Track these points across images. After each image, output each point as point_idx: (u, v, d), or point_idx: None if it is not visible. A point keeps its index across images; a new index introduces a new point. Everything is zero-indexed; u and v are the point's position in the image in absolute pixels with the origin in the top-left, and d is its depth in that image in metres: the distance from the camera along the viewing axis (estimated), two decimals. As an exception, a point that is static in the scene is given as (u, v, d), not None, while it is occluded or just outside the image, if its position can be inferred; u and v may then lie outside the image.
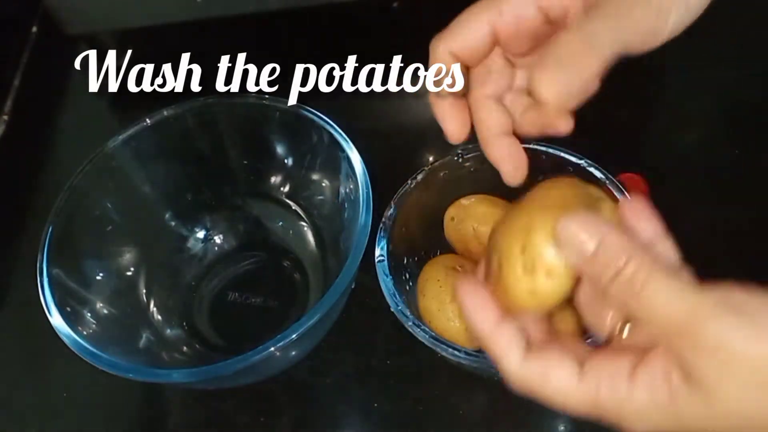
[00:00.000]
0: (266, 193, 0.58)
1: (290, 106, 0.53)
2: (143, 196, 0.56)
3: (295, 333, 0.43)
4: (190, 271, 0.57)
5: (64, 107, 0.72)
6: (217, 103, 0.55)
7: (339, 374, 0.53)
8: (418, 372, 0.52)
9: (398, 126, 0.67)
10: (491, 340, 0.33)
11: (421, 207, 0.51)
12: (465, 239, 0.50)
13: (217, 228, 0.59)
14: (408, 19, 0.73)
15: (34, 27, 0.78)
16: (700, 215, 0.54)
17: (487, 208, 0.50)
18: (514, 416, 0.50)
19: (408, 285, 0.50)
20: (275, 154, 0.56)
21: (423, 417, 0.50)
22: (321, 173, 0.55)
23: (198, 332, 0.55)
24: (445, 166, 0.51)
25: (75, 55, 0.75)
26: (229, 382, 0.49)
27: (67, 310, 0.47)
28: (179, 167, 0.57)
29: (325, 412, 0.51)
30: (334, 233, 0.54)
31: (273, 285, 0.57)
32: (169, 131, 0.55)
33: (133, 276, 0.54)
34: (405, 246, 0.50)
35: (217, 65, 0.70)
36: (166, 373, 0.45)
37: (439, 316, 0.47)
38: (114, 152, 0.53)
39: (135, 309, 0.53)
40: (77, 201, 0.51)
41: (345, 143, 0.51)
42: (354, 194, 0.49)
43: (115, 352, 0.45)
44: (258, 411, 0.52)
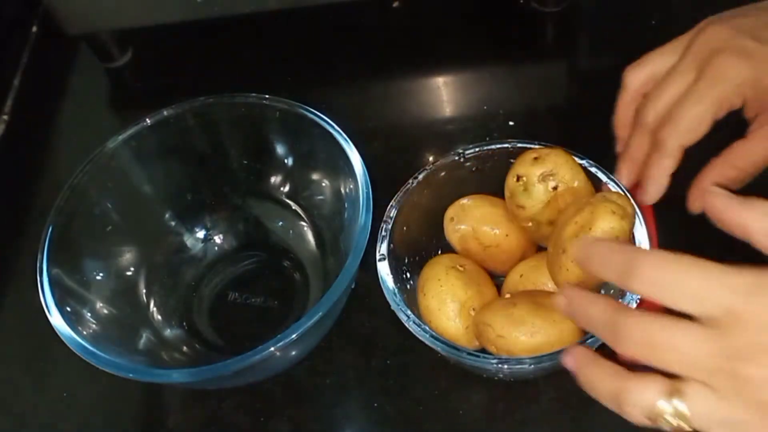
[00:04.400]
0: (266, 193, 0.58)
1: (290, 106, 0.53)
2: (143, 196, 0.56)
3: (295, 333, 0.43)
4: (190, 271, 0.57)
5: (64, 107, 0.72)
6: (217, 103, 0.55)
7: (339, 374, 0.53)
8: (418, 372, 0.52)
9: (398, 126, 0.67)
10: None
11: (422, 207, 0.51)
12: (465, 239, 0.50)
13: (217, 228, 0.59)
14: (408, 19, 0.73)
15: (34, 27, 0.78)
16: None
17: (487, 208, 0.50)
18: (514, 416, 0.50)
19: (408, 284, 0.50)
20: (275, 154, 0.56)
21: (423, 417, 0.50)
22: (321, 173, 0.55)
23: (198, 332, 0.55)
24: (445, 166, 0.51)
25: (75, 55, 0.76)
26: (229, 382, 0.49)
27: (67, 310, 0.47)
28: (179, 167, 0.57)
29: (325, 412, 0.51)
30: (334, 233, 0.54)
31: (273, 285, 0.57)
32: (169, 131, 0.55)
33: (133, 276, 0.54)
34: (405, 245, 0.50)
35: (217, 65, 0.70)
36: (166, 373, 0.45)
37: (439, 316, 0.47)
38: (114, 152, 0.53)
39: (135, 309, 0.53)
40: (77, 201, 0.51)
41: (345, 143, 0.51)
42: (354, 194, 0.49)
43: (115, 352, 0.45)
44: (258, 411, 0.52)
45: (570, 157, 0.47)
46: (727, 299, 0.31)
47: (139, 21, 0.68)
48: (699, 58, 0.43)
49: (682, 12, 0.69)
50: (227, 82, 0.67)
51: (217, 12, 0.66)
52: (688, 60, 0.44)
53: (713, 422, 0.31)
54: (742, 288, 0.31)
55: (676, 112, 0.43)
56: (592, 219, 0.42)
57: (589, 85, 0.67)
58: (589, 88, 0.66)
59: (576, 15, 0.71)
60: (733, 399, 0.31)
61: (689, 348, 0.31)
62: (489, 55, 0.70)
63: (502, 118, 0.64)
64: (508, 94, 0.67)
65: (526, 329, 0.43)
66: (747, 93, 0.42)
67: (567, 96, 0.68)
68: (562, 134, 0.63)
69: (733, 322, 0.31)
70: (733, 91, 0.42)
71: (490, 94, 0.67)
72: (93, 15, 0.67)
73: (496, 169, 0.50)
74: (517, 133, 0.63)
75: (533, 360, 0.43)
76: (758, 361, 0.30)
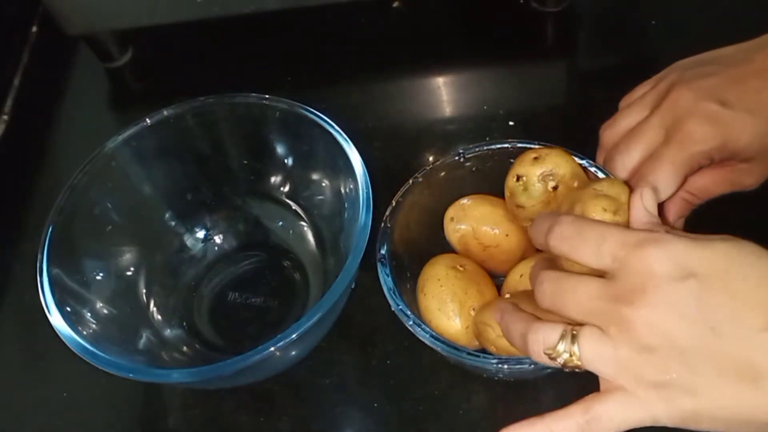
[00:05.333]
0: (266, 193, 0.58)
1: (290, 106, 0.53)
2: (143, 196, 0.56)
3: (295, 333, 0.43)
4: (190, 271, 0.57)
5: (64, 107, 0.72)
6: (217, 103, 0.55)
7: (339, 374, 0.53)
8: (418, 372, 0.52)
9: (398, 126, 0.67)
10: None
11: (422, 207, 0.51)
12: (465, 239, 0.50)
13: (217, 228, 0.59)
14: (408, 19, 0.73)
15: (34, 27, 0.78)
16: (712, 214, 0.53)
17: (487, 208, 0.50)
18: (514, 416, 0.50)
19: (408, 284, 0.50)
20: (275, 154, 0.56)
21: (423, 417, 0.50)
22: (321, 173, 0.55)
23: (198, 332, 0.55)
24: (445, 166, 0.51)
25: (75, 55, 0.76)
26: (229, 382, 0.49)
27: (67, 310, 0.47)
28: (179, 167, 0.57)
29: (325, 412, 0.51)
30: (334, 233, 0.54)
31: (273, 285, 0.57)
32: (169, 131, 0.54)
33: (133, 276, 0.54)
34: (405, 245, 0.50)
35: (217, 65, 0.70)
36: (166, 373, 0.45)
37: (439, 316, 0.47)
38: (114, 152, 0.53)
39: (135, 309, 0.53)
40: (77, 201, 0.51)
41: (345, 143, 0.51)
42: (354, 194, 0.49)
43: (115, 352, 0.45)
44: (258, 411, 0.52)
45: (570, 157, 0.47)
46: (617, 251, 0.35)
47: (139, 21, 0.68)
48: (667, 119, 0.45)
49: (681, 12, 0.69)
50: (227, 82, 0.67)
51: (217, 12, 0.66)
52: (656, 120, 0.46)
53: (602, 362, 0.35)
54: (632, 242, 0.35)
55: (648, 171, 0.45)
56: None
57: (589, 85, 0.67)
58: (589, 88, 0.66)
59: (576, 15, 0.71)
60: (619, 340, 0.34)
61: (585, 296, 0.35)
62: (489, 55, 0.70)
63: (502, 118, 0.64)
64: (508, 94, 0.67)
65: None
66: (714, 156, 0.44)
67: (567, 96, 0.68)
68: (562, 134, 0.63)
69: (619, 271, 0.35)
70: (702, 155, 0.44)
71: (490, 94, 0.67)
72: (93, 15, 0.67)
73: (496, 169, 0.50)
74: (517, 133, 0.63)
75: (533, 360, 0.42)
76: (638, 302, 0.33)
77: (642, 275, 0.34)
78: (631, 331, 0.34)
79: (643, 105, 0.48)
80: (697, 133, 0.44)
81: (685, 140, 0.44)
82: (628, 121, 0.48)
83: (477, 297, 0.47)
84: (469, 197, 0.51)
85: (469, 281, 0.48)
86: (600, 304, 0.35)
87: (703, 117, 0.44)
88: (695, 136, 0.44)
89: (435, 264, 0.49)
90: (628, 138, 0.47)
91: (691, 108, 0.44)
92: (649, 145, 0.45)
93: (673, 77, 0.47)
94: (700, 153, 0.44)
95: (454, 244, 0.51)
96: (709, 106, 0.44)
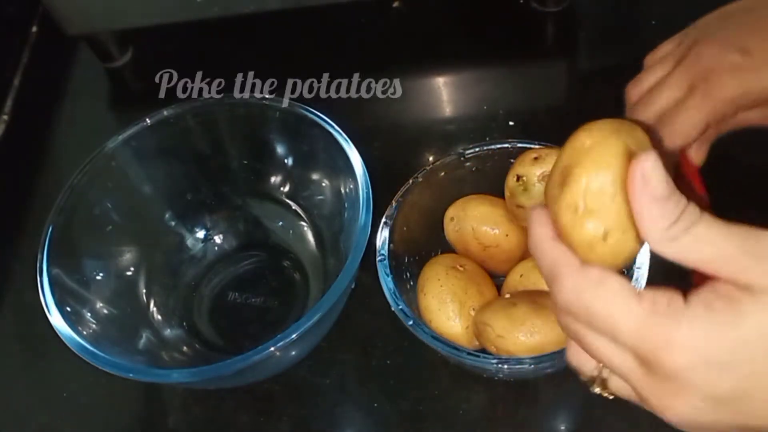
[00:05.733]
0: (266, 193, 0.58)
1: (290, 107, 0.53)
2: (143, 196, 0.56)
3: (295, 333, 0.43)
4: (190, 271, 0.57)
5: (64, 107, 0.72)
6: (217, 103, 0.55)
7: (339, 374, 0.53)
8: (418, 372, 0.52)
9: (398, 126, 0.67)
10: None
11: (422, 207, 0.51)
12: (465, 239, 0.50)
13: (217, 228, 0.59)
14: (408, 19, 0.73)
15: (34, 27, 0.78)
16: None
17: (487, 208, 0.50)
18: (514, 416, 0.50)
19: (408, 284, 0.50)
20: (275, 154, 0.56)
21: (423, 417, 0.50)
22: (321, 173, 0.55)
23: (198, 332, 0.55)
24: (446, 166, 0.51)
25: (75, 55, 0.76)
26: (229, 382, 0.49)
27: (67, 310, 0.47)
28: (179, 167, 0.57)
29: (325, 412, 0.51)
30: (334, 233, 0.54)
31: (273, 285, 0.57)
32: (169, 131, 0.55)
33: (133, 276, 0.54)
34: (405, 245, 0.50)
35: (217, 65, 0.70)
36: (166, 373, 0.45)
37: (439, 316, 0.47)
38: (114, 152, 0.53)
39: (135, 309, 0.53)
40: (77, 201, 0.51)
41: (345, 143, 0.51)
42: (354, 194, 0.49)
43: (115, 352, 0.45)
44: (258, 411, 0.52)
45: None
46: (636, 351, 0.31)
47: (139, 21, 0.68)
48: (691, 72, 0.46)
49: (682, 12, 0.69)
50: (227, 82, 0.67)
51: (217, 12, 0.66)
52: (680, 74, 0.47)
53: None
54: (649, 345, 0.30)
55: (671, 116, 0.46)
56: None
57: (589, 85, 0.67)
58: (589, 88, 0.66)
59: (576, 15, 0.71)
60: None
61: (617, 368, 0.32)
62: (489, 55, 0.70)
63: (502, 118, 0.64)
64: (508, 94, 0.67)
65: (525, 329, 0.43)
66: (738, 104, 0.45)
67: (567, 96, 0.68)
68: (562, 134, 0.62)
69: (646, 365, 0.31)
70: (727, 105, 0.45)
71: (490, 94, 0.67)
72: (93, 15, 0.67)
73: (496, 169, 0.50)
74: (517, 133, 0.63)
75: (533, 360, 0.43)
76: (672, 400, 0.30)
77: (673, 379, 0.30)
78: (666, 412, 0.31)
79: (667, 62, 0.48)
80: (722, 86, 0.45)
81: (708, 90, 0.45)
82: (653, 77, 0.49)
83: (477, 297, 0.47)
84: (469, 197, 0.51)
85: (469, 281, 0.48)
86: (633, 379, 0.31)
87: (725, 67, 0.45)
88: (718, 86, 0.45)
89: (435, 264, 0.49)
90: (652, 91, 0.48)
91: (714, 60, 0.45)
92: (673, 97, 0.46)
93: (696, 33, 0.48)
94: (723, 102, 0.45)
95: (454, 244, 0.51)
96: (730, 57, 0.45)
